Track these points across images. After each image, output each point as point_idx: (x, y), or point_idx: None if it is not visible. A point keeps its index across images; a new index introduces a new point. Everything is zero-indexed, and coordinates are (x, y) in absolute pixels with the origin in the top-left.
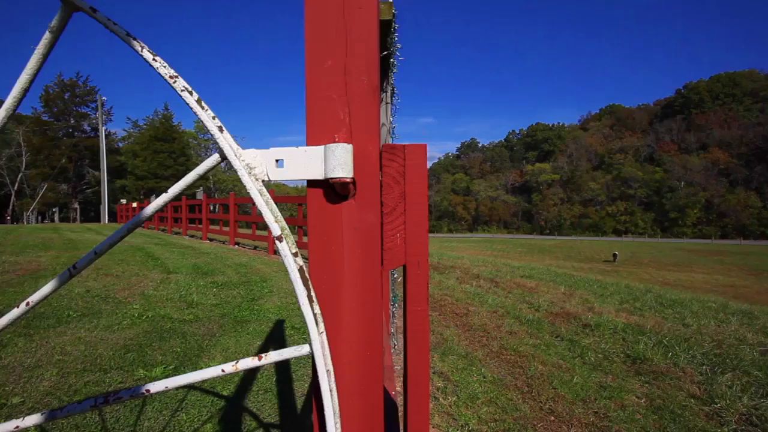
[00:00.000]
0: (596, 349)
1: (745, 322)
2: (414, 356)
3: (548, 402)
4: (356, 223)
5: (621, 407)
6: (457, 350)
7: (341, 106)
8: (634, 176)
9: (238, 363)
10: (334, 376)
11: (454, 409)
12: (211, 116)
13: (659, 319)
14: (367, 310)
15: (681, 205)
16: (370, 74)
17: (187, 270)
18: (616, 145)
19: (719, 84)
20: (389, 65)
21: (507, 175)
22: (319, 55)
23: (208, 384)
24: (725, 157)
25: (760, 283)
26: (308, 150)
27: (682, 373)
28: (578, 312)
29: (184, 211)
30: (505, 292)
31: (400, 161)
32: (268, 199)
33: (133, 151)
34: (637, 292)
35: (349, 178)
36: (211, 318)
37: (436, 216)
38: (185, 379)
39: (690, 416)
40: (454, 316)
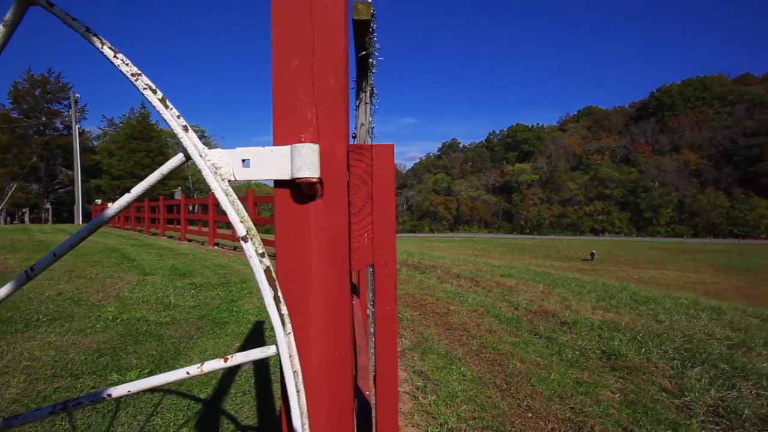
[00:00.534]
0: (573, 346)
1: (714, 318)
2: (382, 356)
3: (526, 399)
4: (324, 223)
5: (596, 402)
6: (437, 349)
7: (308, 106)
8: (611, 176)
9: (203, 365)
10: (302, 376)
11: (433, 408)
12: (175, 115)
13: (634, 316)
14: (336, 310)
15: (655, 205)
16: (337, 74)
17: (165, 271)
18: (594, 146)
19: (690, 87)
20: (368, 65)
21: (488, 175)
22: (286, 55)
23: (185, 387)
24: (696, 159)
25: (728, 280)
26: (275, 150)
27: (655, 367)
28: (556, 310)
29: (161, 211)
30: (485, 291)
31: (368, 161)
32: (234, 199)
33: (108, 150)
34: (613, 289)
35: (315, 178)
36: (189, 320)
37: (418, 216)
38: (149, 383)
39: (661, 409)
40: (434, 315)
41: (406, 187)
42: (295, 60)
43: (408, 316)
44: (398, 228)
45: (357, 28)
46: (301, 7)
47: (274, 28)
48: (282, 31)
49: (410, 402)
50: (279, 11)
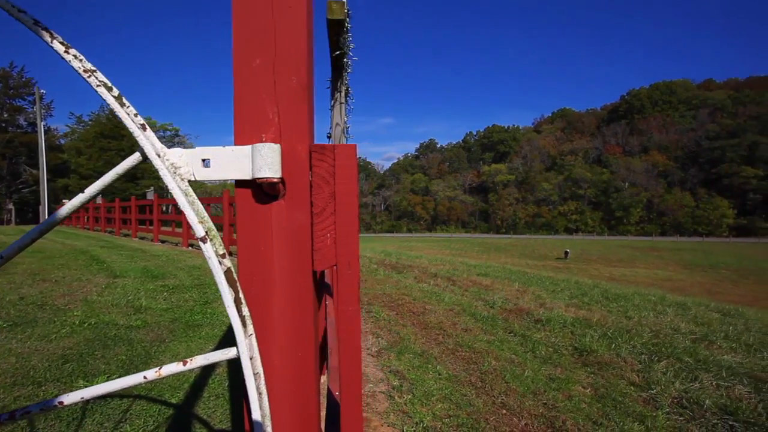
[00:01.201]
0: (547, 343)
1: (680, 313)
2: (346, 356)
3: (501, 396)
4: (286, 223)
5: (568, 397)
6: (413, 349)
7: (270, 106)
8: (584, 177)
9: (161, 369)
10: (264, 378)
11: (409, 407)
12: (132, 113)
13: (605, 313)
14: (299, 311)
15: (625, 205)
16: (300, 74)
17: (136, 273)
18: (567, 147)
19: (658, 91)
20: (343, 65)
21: (465, 176)
22: (247, 54)
23: (156, 392)
24: (663, 160)
25: (693, 277)
26: (235, 149)
27: (624, 362)
28: (531, 308)
29: (133, 211)
30: (461, 290)
31: (330, 161)
32: (193, 199)
33: (77, 149)
34: (585, 287)
35: (276, 178)
36: (161, 323)
37: (396, 216)
38: (104, 388)
39: (629, 402)
40: (411, 315)
41: (384, 187)
42: (256, 59)
43: (385, 316)
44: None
45: (331, 28)
46: (263, 6)
47: (235, 27)
48: (243, 30)
49: (386, 402)
50: (240, 10)
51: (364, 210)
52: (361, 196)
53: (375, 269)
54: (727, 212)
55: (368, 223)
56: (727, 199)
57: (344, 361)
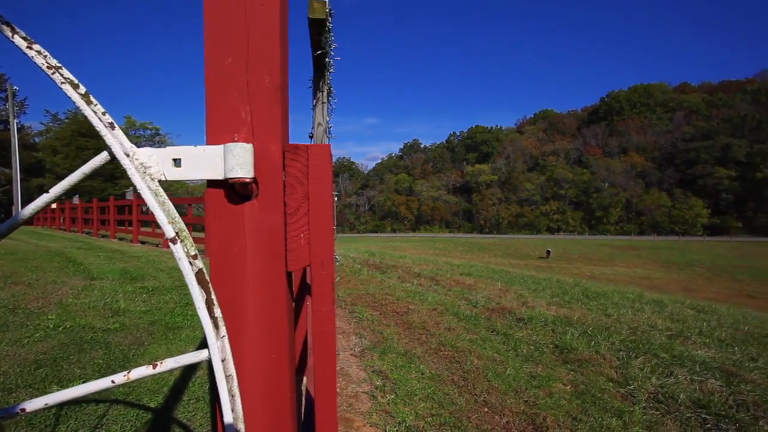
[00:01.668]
0: (528, 342)
1: (656, 310)
2: (320, 356)
3: (483, 394)
4: (259, 223)
5: (549, 395)
6: (396, 348)
7: (242, 105)
8: (565, 177)
9: (130, 373)
10: (237, 380)
11: (392, 407)
12: (100, 111)
13: (585, 311)
14: (273, 312)
15: (605, 205)
16: (272, 73)
17: (114, 275)
18: (549, 148)
19: (636, 94)
20: (325, 65)
21: (448, 176)
22: (219, 52)
23: (134, 396)
24: (641, 161)
25: (669, 275)
26: (207, 149)
27: (603, 359)
28: (513, 307)
29: (112, 212)
30: (445, 289)
31: (304, 161)
32: (164, 199)
33: (52, 147)
34: (566, 286)
35: (248, 178)
36: (140, 326)
37: (380, 216)
38: (69, 394)
39: (608, 398)
40: (394, 314)
41: (368, 187)
42: (228, 58)
43: (368, 316)
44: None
45: (313, 27)
46: (235, 4)
47: (207, 25)
48: (215, 28)
49: (369, 402)
50: (212, 7)
51: (348, 210)
52: (345, 197)
53: (359, 269)
54: (701, 212)
55: (352, 223)
56: (701, 199)
57: (318, 361)
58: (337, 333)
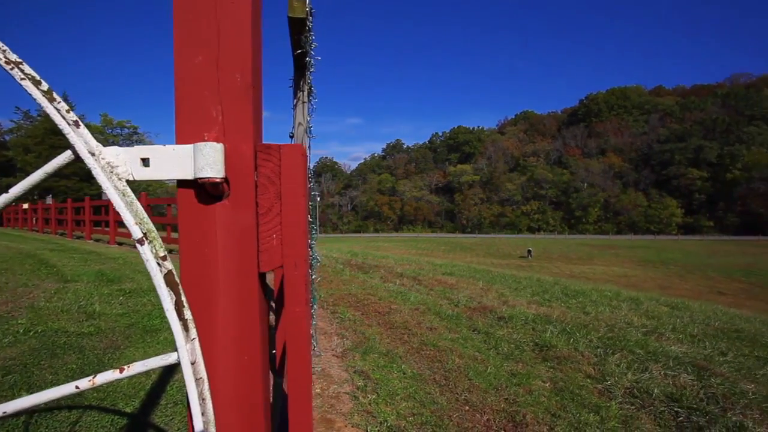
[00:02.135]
0: (509, 340)
1: (633, 308)
2: (293, 357)
3: (464, 393)
4: (230, 224)
5: (529, 392)
6: (378, 348)
7: (213, 104)
8: (545, 178)
9: (95, 377)
10: (209, 383)
11: (373, 407)
12: (64, 109)
13: (564, 309)
14: (245, 313)
15: (584, 204)
16: (244, 71)
17: (89, 277)
18: (530, 148)
19: (613, 96)
20: (306, 64)
21: (431, 176)
22: (189, 50)
23: (109, 401)
24: (619, 162)
25: (646, 273)
26: (177, 149)
27: (581, 356)
28: (494, 306)
29: (87, 212)
30: (427, 289)
31: (276, 161)
32: (131, 200)
33: (24, 146)
34: (546, 284)
35: (219, 179)
36: (116, 329)
37: (363, 216)
38: (30, 401)
39: (586, 394)
40: (376, 314)
41: (351, 187)
42: (198, 56)
43: (350, 316)
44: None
45: (293, 26)
46: (205, 1)
47: (176, 22)
48: (185, 25)
49: (350, 402)
50: (181, 4)
51: (330, 210)
52: (328, 197)
53: (341, 270)
54: (675, 211)
55: (335, 223)
56: (675, 199)
57: (291, 362)
58: (319, 334)
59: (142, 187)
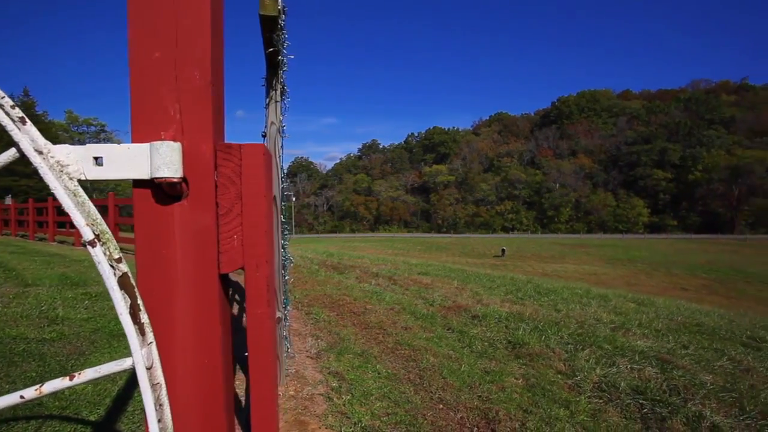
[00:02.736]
0: (483, 338)
1: (602, 305)
2: (255, 359)
3: (438, 391)
4: (189, 225)
5: (502, 389)
6: (353, 349)
7: (171, 102)
8: (519, 178)
9: (42, 386)
10: (167, 388)
11: (347, 408)
12: (9, 105)
13: (537, 307)
14: (205, 315)
15: (556, 204)
16: (203, 69)
17: (52, 281)
18: (504, 149)
19: (584, 99)
20: (278, 63)
21: (406, 176)
22: (146, 46)
23: (72, 409)
24: (589, 163)
25: (615, 270)
26: (132, 147)
27: (552, 353)
28: (468, 304)
29: (50, 213)
30: (402, 289)
31: (237, 161)
32: (83, 200)
33: None
34: (519, 283)
35: (177, 178)
36: (81, 334)
37: (339, 216)
38: None
39: (556, 390)
40: (351, 315)
41: (327, 188)
42: (155, 52)
43: (325, 317)
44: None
45: (264, 24)
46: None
47: (132, 16)
48: (141, 19)
49: (324, 404)
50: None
51: (306, 210)
52: (304, 197)
53: (316, 270)
54: (642, 211)
55: (311, 223)
56: (642, 199)
57: (254, 365)
58: (293, 335)
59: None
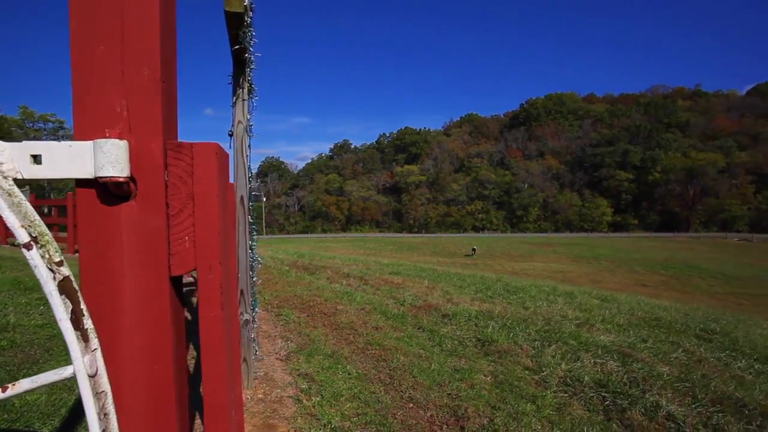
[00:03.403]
0: (453, 337)
1: (568, 302)
2: (208, 363)
3: (408, 390)
4: (138, 226)
5: (471, 386)
6: (323, 350)
7: (117, 99)
8: (489, 179)
9: None
10: (112, 397)
11: (317, 409)
12: None
13: (505, 305)
14: (155, 319)
15: (525, 204)
16: (152, 65)
17: (4, 286)
18: (474, 150)
19: (551, 102)
20: (245, 60)
21: (378, 176)
22: (88, 39)
23: (23, 422)
24: (556, 164)
25: (580, 268)
26: (74, 145)
27: (520, 349)
28: (439, 303)
29: None
30: (373, 289)
31: (188, 160)
32: (20, 200)
33: None
34: (489, 281)
35: (122, 178)
36: (35, 342)
37: (310, 216)
38: None
39: (524, 386)
40: (322, 316)
41: (298, 188)
42: (100, 45)
43: (295, 318)
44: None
45: (230, 21)
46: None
47: (73, 7)
48: (83, 11)
49: (294, 406)
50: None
51: (277, 211)
52: (274, 197)
53: (287, 271)
54: (606, 210)
55: (282, 224)
56: (606, 199)
57: (206, 369)
58: (262, 337)
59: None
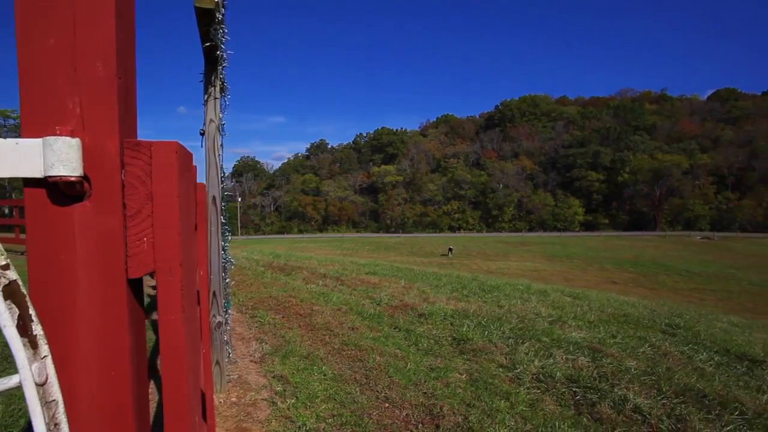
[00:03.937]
0: (429, 336)
1: (541, 299)
2: (168, 369)
3: (384, 390)
4: (92, 227)
5: (446, 385)
6: (299, 351)
7: (69, 94)
8: (465, 179)
9: None
10: (64, 406)
11: (292, 411)
12: None
13: (480, 303)
14: (112, 324)
15: (500, 204)
16: (107, 59)
17: None
18: (450, 150)
19: (525, 103)
20: (217, 58)
21: (355, 176)
22: (37, 30)
23: None
24: (530, 164)
25: (553, 267)
26: (21, 143)
27: (495, 347)
28: (415, 303)
29: None
30: (350, 289)
31: (146, 159)
32: None
33: None
34: (465, 280)
35: (74, 177)
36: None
37: (286, 216)
38: None
39: (498, 383)
40: (297, 317)
41: (274, 188)
42: (50, 38)
43: (270, 319)
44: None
45: (200, 17)
46: None
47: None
48: (30, 1)
49: (268, 409)
50: None
51: (252, 211)
52: (250, 197)
53: (262, 272)
54: (578, 210)
55: (257, 224)
56: (578, 199)
57: (166, 375)
58: (236, 339)
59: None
